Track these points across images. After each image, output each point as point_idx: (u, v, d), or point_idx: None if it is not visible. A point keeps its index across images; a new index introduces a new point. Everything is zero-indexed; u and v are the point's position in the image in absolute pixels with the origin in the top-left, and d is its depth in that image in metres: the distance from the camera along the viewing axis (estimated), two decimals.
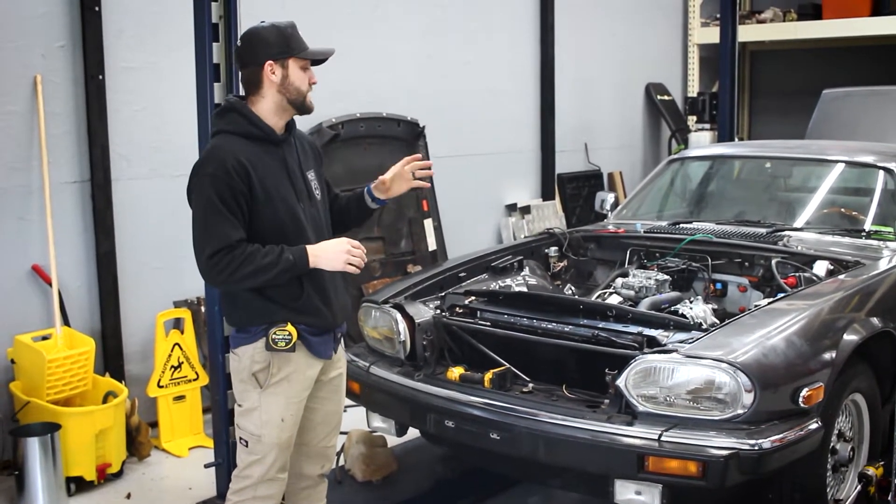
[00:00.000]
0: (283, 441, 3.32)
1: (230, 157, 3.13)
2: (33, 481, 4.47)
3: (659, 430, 3.35)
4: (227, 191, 3.10)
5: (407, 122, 6.83)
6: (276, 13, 5.99)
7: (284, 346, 3.21)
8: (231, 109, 3.27)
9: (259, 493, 3.34)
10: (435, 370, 4.07)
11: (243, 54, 3.26)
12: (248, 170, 3.14)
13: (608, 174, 9.26)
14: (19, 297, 5.01)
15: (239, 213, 3.13)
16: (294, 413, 3.33)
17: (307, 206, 3.32)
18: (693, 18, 10.16)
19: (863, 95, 7.36)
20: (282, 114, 3.28)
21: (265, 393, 3.28)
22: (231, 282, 3.14)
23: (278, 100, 3.24)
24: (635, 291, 4.40)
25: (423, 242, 6.96)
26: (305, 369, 3.32)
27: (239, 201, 3.12)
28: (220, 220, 3.09)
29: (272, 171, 3.22)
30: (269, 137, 3.25)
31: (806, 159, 5.55)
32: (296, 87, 3.23)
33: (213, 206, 3.09)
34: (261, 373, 3.28)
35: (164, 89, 5.52)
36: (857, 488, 3.97)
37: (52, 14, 5.07)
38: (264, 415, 3.28)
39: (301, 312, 3.26)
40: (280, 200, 3.22)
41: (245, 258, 3.09)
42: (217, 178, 3.10)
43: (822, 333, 3.69)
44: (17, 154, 4.98)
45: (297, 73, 3.23)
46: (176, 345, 5.33)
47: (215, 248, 3.09)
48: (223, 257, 3.09)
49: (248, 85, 3.26)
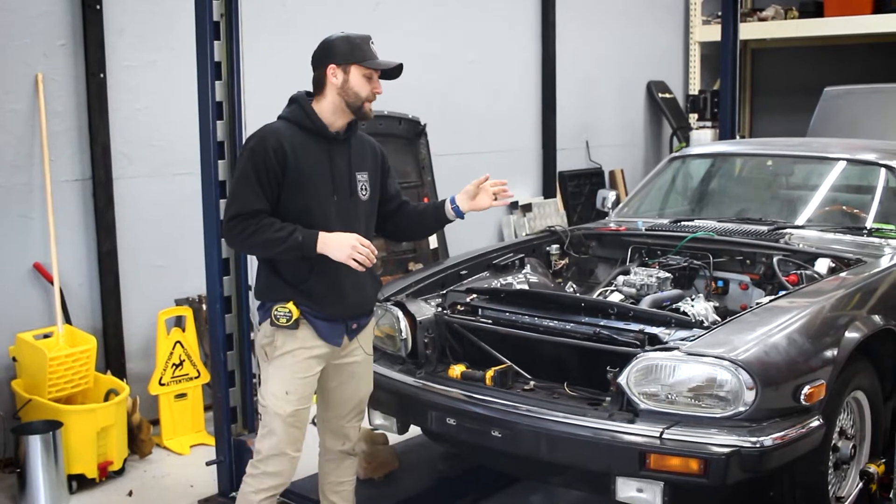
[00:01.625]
0: (286, 413, 3.48)
1: (272, 138, 3.39)
2: (35, 479, 4.48)
3: (660, 427, 3.35)
4: (262, 166, 3.36)
5: (408, 120, 6.83)
6: (276, 12, 6.04)
7: (285, 322, 3.43)
8: (294, 101, 3.54)
9: (269, 469, 3.53)
10: (436, 368, 4.07)
11: (314, 57, 3.52)
12: (287, 153, 3.38)
13: (609, 172, 9.26)
14: (21, 295, 5.02)
15: (268, 187, 3.37)
16: (299, 388, 3.49)
17: (344, 201, 3.51)
18: (694, 16, 10.16)
19: (864, 93, 7.36)
20: (340, 114, 3.50)
21: (271, 365, 3.51)
22: (244, 247, 3.49)
23: (337, 101, 3.47)
24: (637, 289, 4.40)
25: (424, 240, 6.96)
26: (311, 348, 3.49)
27: (270, 178, 3.37)
28: (248, 190, 3.35)
29: (313, 162, 3.45)
30: (320, 132, 3.48)
31: (807, 157, 5.54)
32: (354, 92, 3.46)
33: (246, 175, 3.37)
34: (268, 346, 3.51)
35: (166, 87, 5.52)
36: (858, 486, 3.98)
37: (53, 13, 5.08)
38: (271, 386, 3.51)
39: (305, 295, 3.45)
40: (312, 188, 3.43)
41: (259, 227, 3.34)
42: (255, 152, 3.38)
43: (824, 331, 3.68)
44: (18, 152, 4.98)
45: (359, 80, 3.46)
46: (177, 343, 5.34)
47: (236, 212, 3.36)
48: (241, 222, 3.35)
49: (315, 85, 3.52)
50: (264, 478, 3.54)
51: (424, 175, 6.93)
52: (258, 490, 3.55)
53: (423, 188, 6.92)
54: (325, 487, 3.85)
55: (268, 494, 3.56)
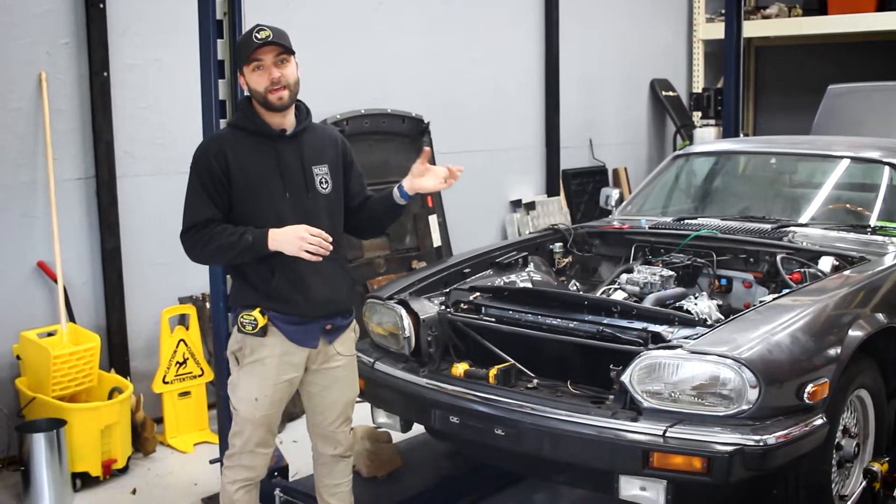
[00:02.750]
0: (256, 419, 3.50)
1: (213, 146, 3.42)
2: (39, 477, 4.49)
3: (664, 425, 3.35)
4: (207, 175, 3.37)
5: (412, 119, 6.83)
6: (279, 10, 6.04)
7: (251, 329, 3.42)
8: (238, 106, 3.59)
9: (243, 462, 3.59)
10: (439, 366, 4.06)
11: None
12: (229, 159, 3.37)
13: (613, 170, 9.25)
14: (25, 294, 5.03)
15: (215, 195, 3.37)
16: (270, 394, 3.49)
17: (299, 198, 3.46)
18: (698, 14, 10.15)
19: (868, 91, 7.34)
20: (271, 112, 3.43)
21: (242, 371, 3.51)
22: (202, 257, 3.43)
23: (256, 103, 3.45)
24: (640, 287, 4.39)
25: (427, 238, 6.96)
26: (283, 355, 3.47)
27: (216, 186, 3.37)
28: (197, 200, 3.37)
29: (259, 163, 3.42)
30: (262, 132, 3.45)
31: (811, 155, 5.54)
32: (255, 90, 3.41)
33: (193, 186, 3.39)
34: (238, 353, 3.52)
35: (169, 86, 5.52)
36: (862, 484, 3.97)
37: (56, 11, 5.08)
38: (241, 392, 3.51)
39: (271, 298, 3.43)
40: (262, 190, 3.41)
41: (212, 235, 3.34)
42: (198, 161, 3.41)
43: (827, 329, 3.68)
44: (22, 151, 4.99)
45: (252, 76, 3.40)
46: (181, 341, 5.35)
47: (189, 224, 3.38)
48: (194, 234, 3.36)
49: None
50: (239, 469, 3.59)
51: None
52: (234, 481, 3.60)
53: None
54: (322, 490, 3.84)
55: (243, 485, 3.60)
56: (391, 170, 6.58)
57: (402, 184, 3.65)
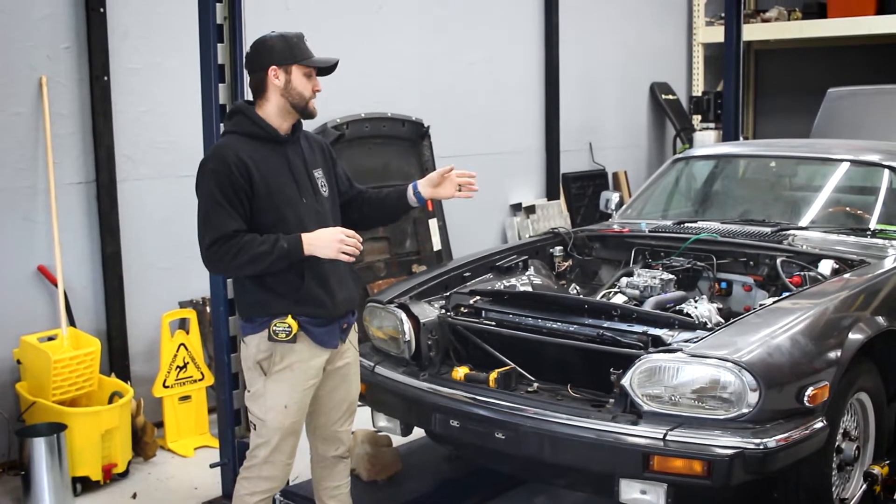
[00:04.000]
0: (286, 426, 3.48)
1: (232, 155, 3.31)
2: (39, 481, 4.49)
3: (664, 429, 3.35)
4: (228, 185, 3.28)
5: (412, 122, 6.84)
6: (279, 14, 6.05)
7: (285, 337, 3.38)
8: (237, 112, 3.47)
9: (263, 474, 3.54)
10: (440, 370, 4.07)
11: (250, 60, 3.46)
12: (250, 167, 3.32)
13: (613, 173, 9.26)
14: (25, 298, 5.03)
15: (239, 206, 3.30)
16: (298, 400, 3.48)
17: (312, 202, 3.47)
18: (697, 17, 10.16)
19: (868, 94, 7.35)
20: (286, 116, 3.44)
21: (270, 380, 3.45)
22: (230, 269, 3.38)
23: (282, 103, 3.41)
24: (640, 291, 4.39)
25: (427, 242, 6.96)
26: (310, 359, 3.47)
27: (239, 195, 3.30)
28: (220, 212, 3.28)
29: (275, 169, 3.40)
30: (273, 137, 3.43)
31: (811, 158, 5.54)
32: (298, 92, 3.40)
33: (215, 198, 3.28)
34: (265, 361, 3.45)
35: (169, 90, 5.53)
36: (862, 487, 3.97)
37: (57, 15, 5.09)
38: (269, 401, 3.46)
39: (301, 303, 3.41)
40: (281, 196, 3.39)
41: (242, 247, 3.27)
42: (218, 173, 3.29)
43: (828, 332, 3.68)
44: (22, 155, 4.99)
45: (300, 79, 3.40)
46: (181, 345, 5.35)
47: (214, 237, 3.28)
48: (221, 246, 3.27)
49: (255, 89, 3.45)
50: (259, 481, 3.55)
51: None
52: (253, 493, 3.56)
53: None
54: (321, 493, 3.83)
55: (262, 497, 3.57)
56: (391, 173, 6.59)
57: (419, 187, 3.66)
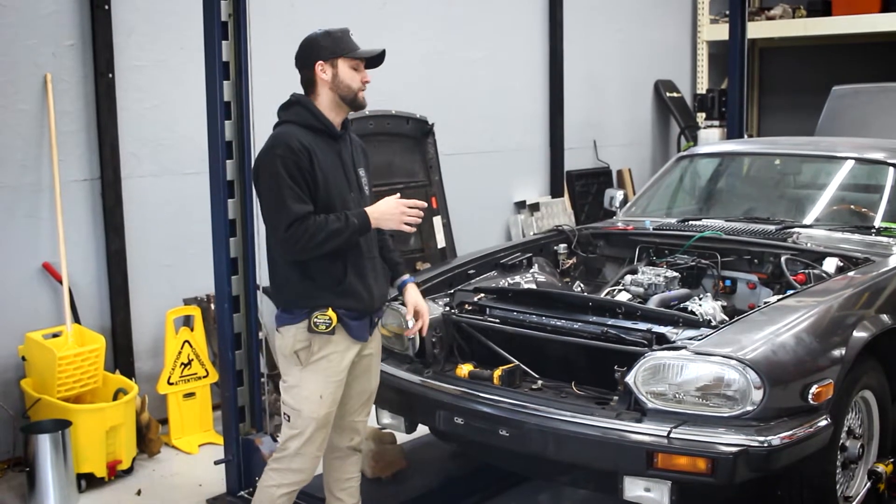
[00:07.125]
0: (321, 417, 3.53)
1: (295, 141, 3.39)
2: (44, 478, 4.50)
3: (668, 426, 3.35)
4: (296, 169, 3.36)
5: (416, 120, 6.83)
6: (284, 11, 6.05)
7: (325, 329, 3.45)
8: (296, 102, 3.53)
9: (293, 466, 3.57)
10: (444, 367, 4.07)
11: (299, 58, 3.54)
12: (311, 153, 3.41)
13: (617, 171, 9.25)
14: (30, 295, 5.03)
15: (306, 188, 3.39)
16: (333, 392, 3.54)
17: (357, 197, 3.56)
18: (702, 15, 10.14)
19: (872, 92, 7.34)
20: (337, 110, 3.52)
21: (306, 370, 3.51)
22: (309, 249, 3.38)
23: (332, 97, 3.49)
24: (644, 288, 4.40)
25: (432, 240, 6.96)
26: (344, 351, 3.53)
27: (306, 178, 3.38)
28: (292, 195, 3.35)
29: (329, 161, 3.47)
30: (329, 130, 3.50)
31: (815, 156, 5.54)
32: (346, 85, 3.47)
33: (285, 182, 3.35)
34: (302, 351, 3.50)
35: (174, 87, 5.53)
36: (866, 485, 3.97)
37: (61, 13, 5.09)
38: (304, 391, 3.51)
39: (342, 296, 3.47)
40: (334, 187, 3.46)
41: (318, 227, 3.34)
42: (286, 157, 3.36)
43: (832, 330, 3.68)
44: (27, 152, 5.00)
45: (348, 71, 3.48)
46: (186, 342, 5.36)
47: (290, 220, 3.33)
48: (298, 228, 3.33)
49: (305, 86, 3.54)
50: (288, 473, 3.57)
51: (432, 174, 6.94)
52: (280, 484, 3.58)
53: (431, 187, 6.92)
54: (332, 485, 3.86)
55: (290, 489, 3.59)
56: (395, 171, 6.59)
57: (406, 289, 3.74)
